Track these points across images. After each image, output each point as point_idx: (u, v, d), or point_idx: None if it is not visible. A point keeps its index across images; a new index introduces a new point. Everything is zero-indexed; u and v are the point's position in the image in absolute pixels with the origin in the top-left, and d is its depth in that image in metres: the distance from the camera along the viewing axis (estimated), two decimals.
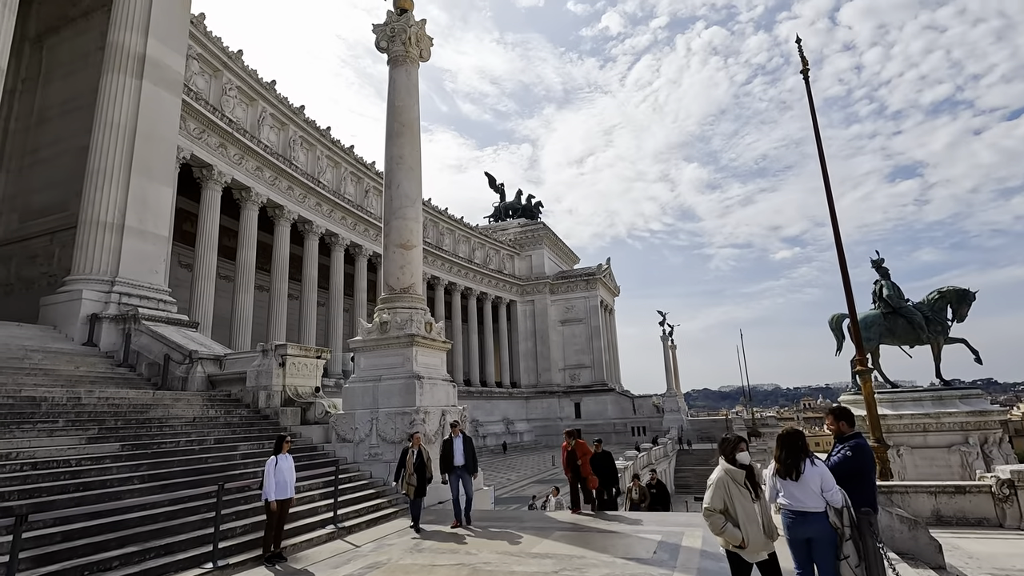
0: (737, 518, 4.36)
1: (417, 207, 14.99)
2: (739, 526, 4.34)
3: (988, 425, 18.21)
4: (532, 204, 62.83)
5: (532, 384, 55.71)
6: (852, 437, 4.98)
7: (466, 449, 10.08)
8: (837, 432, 5.09)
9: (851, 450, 4.89)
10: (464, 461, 9.99)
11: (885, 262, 21.19)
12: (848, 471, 4.74)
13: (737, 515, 4.37)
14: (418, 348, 13.56)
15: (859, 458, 4.87)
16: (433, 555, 8.05)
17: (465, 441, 10.17)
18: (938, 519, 10.47)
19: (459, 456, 9.99)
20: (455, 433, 10.30)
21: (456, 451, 10.02)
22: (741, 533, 4.31)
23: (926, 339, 19.75)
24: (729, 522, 4.38)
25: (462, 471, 9.96)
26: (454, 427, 10.49)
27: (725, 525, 4.37)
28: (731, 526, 4.36)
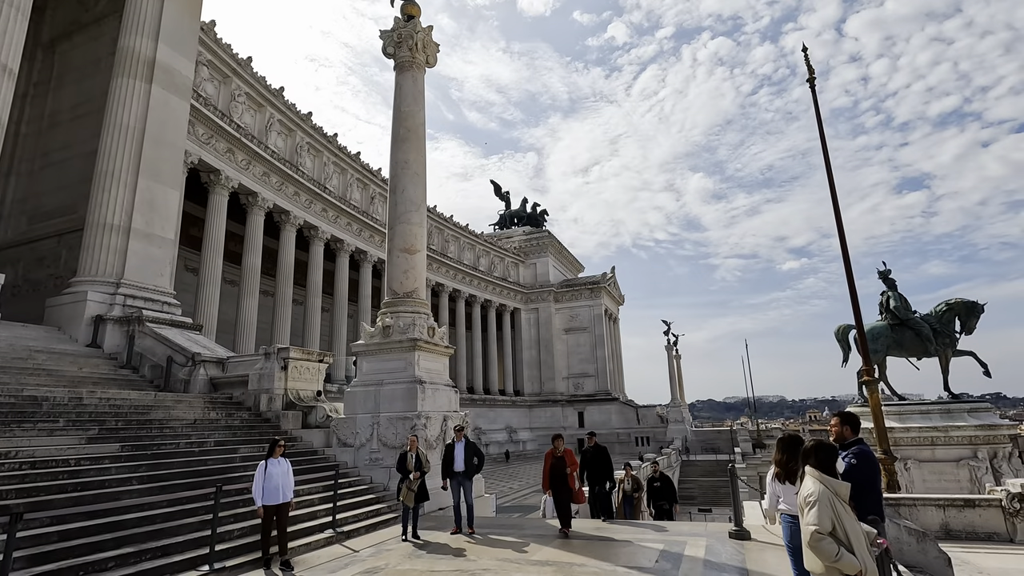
0: (851, 543, 3.66)
1: (422, 212, 15.00)
2: (854, 552, 3.62)
3: (997, 439, 17.94)
4: (537, 212, 62.93)
5: (536, 392, 55.46)
6: (854, 443, 4.91)
7: (467, 454, 9.70)
8: (839, 436, 5.02)
9: (856, 458, 4.77)
10: (464, 467, 9.63)
11: (892, 274, 21.02)
12: (857, 480, 4.62)
13: (850, 538, 3.68)
14: (420, 353, 13.51)
15: (866, 467, 4.76)
16: (432, 561, 7.94)
17: (468, 446, 9.79)
18: (947, 533, 10.28)
19: (460, 462, 9.62)
20: (458, 438, 9.96)
21: (457, 456, 9.68)
22: (860, 562, 3.60)
23: (934, 351, 19.53)
24: (843, 547, 3.63)
25: (463, 477, 9.61)
26: (458, 431, 10.12)
27: (840, 552, 3.60)
28: (846, 552, 3.61)
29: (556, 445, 9.55)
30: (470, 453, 9.71)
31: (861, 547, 3.66)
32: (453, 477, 9.65)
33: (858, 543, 3.66)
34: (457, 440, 9.87)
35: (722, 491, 32.93)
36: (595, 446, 10.93)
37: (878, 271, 21.25)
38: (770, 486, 4.51)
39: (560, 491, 9.35)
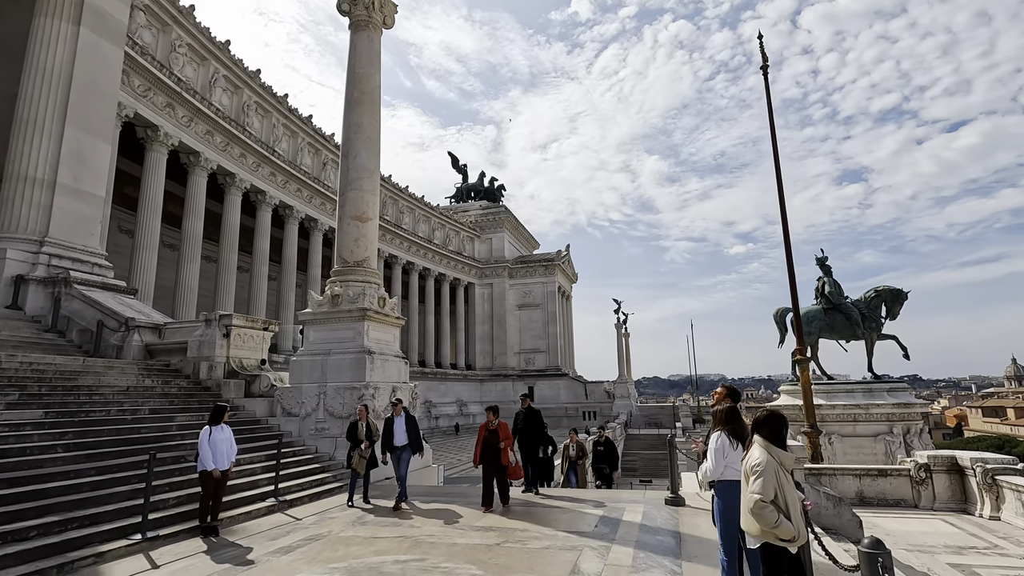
0: (789, 510, 3.87)
1: (375, 179, 14.60)
2: (791, 518, 3.84)
3: (911, 417, 19.45)
4: (495, 187, 62.42)
5: (487, 367, 55.86)
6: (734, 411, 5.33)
7: (408, 428, 9.64)
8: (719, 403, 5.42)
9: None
10: (407, 440, 9.58)
11: (828, 261, 22.14)
12: None
13: (788, 506, 3.88)
14: (370, 323, 13.30)
15: None
16: (376, 528, 7.96)
17: (408, 420, 9.72)
18: (861, 500, 11.14)
19: (400, 435, 9.56)
20: (397, 411, 9.80)
21: (397, 430, 9.57)
22: (794, 528, 3.82)
23: (861, 335, 20.82)
24: (781, 514, 3.85)
25: (403, 450, 9.57)
26: (396, 405, 9.98)
27: (779, 518, 3.81)
28: (784, 519, 3.83)
29: (490, 418, 9.16)
30: (410, 427, 9.62)
31: (796, 514, 3.89)
32: (393, 451, 9.56)
33: (794, 510, 3.89)
34: (396, 414, 9.73)
35: (663, 463, 34.32)
36: (527, 409, 10.53)
37: (816, 258, 22.34)
38: (717, 450, 4.69)
39: (492, 466, 8.88)
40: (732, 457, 4.67)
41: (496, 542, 7.05)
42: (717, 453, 4.67)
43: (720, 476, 4.70)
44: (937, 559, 7.61)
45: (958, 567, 7.24)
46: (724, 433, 4.78)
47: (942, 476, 10.74)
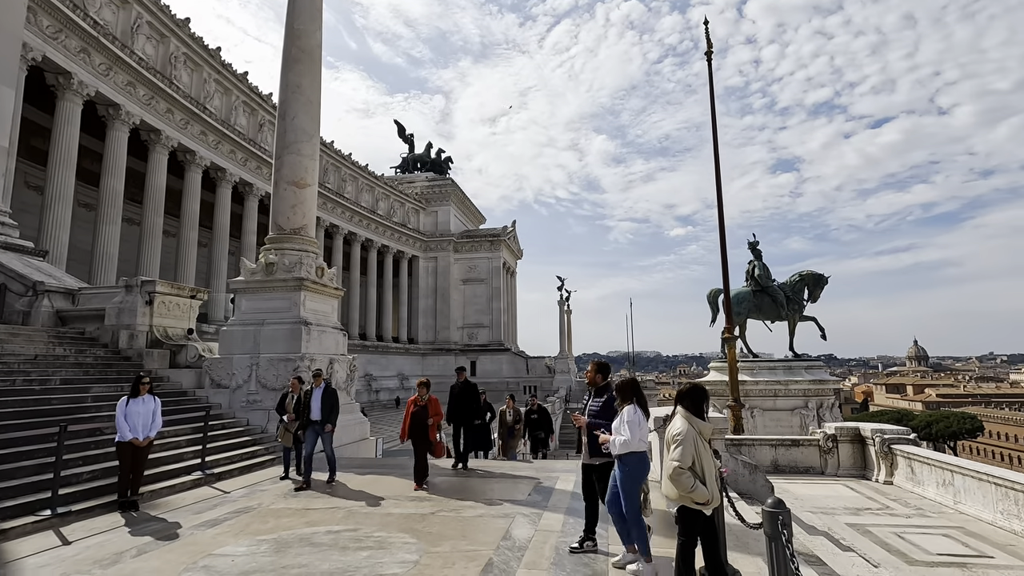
0: (704, 476, 4.12)
1: (314, 144, 13.98)
2: (706, 483, 4.10)
3: (824, 393, 21.01)
4: (442, 159, 61.21)
5: (430, 341, 55.59)
6: (604, 388, 5.51)
7: (325, 402, 8.96)
8: (592, 382, 5.64)
9: (604, 403, 5.39)
10: (321, 415, 8.93)
11: (759, 245, 23.27)
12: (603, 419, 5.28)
13: (704, 473, 4.14)
14: (307, 293, 12.89)
15: (610, 408, 5.34)
16: (308, 499, 7.86)
17: (326, 393, 9.06)
18: (776, 468, 11.98)
19: (316, 409, 8.94)
20: (316, 383, 9.18)
21: (314, 403, 8.98)
22: (708, 492, 4.10)
23: (785, 316, 22.15)
24: (698, 480, 4.10)
25: (319, 426, 8.95)
26: (316, 377, 9.29)
27: (695, 483, 4.08)
28: (701, 484, 4.09)
29: (421, 392, 8.76)
30: (326, 401, 9.00)
31: (711, 480, 4.18)
32: (309, 425, 8.99)
33: (710, 476, 4.18)
34: (316, 386, 9.14)
35: None
36: (464, 382, 10.30)
37: (748, 242, 23.43)
38: (632, 426, 4.82)
39: (420, 443, 8.53)
40: (645, 428, 4.89)
41: (431, 511, 7.12)
42: (632, 425, 4.81)
43: (635, 447, 4.86)
44: (837, 519, 8.33)
45: (854, 526, 7.96)
46: (636, 406, 4.93)
47: (846, 445, 11.71)
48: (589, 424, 5.34)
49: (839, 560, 5.97)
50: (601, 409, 5.35)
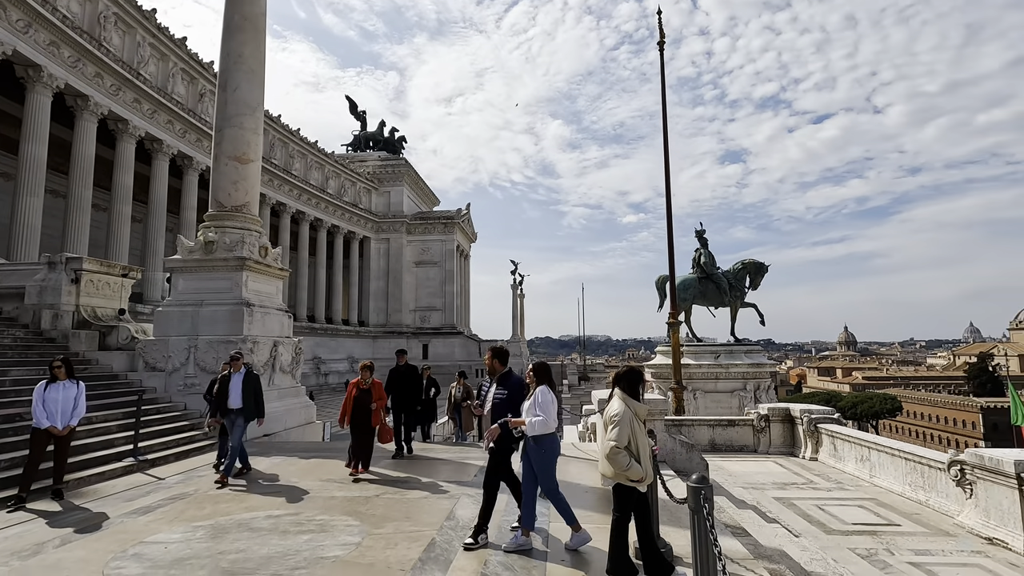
0: (639, 455, 4.33)
1: (257, 117, 13.38)
2: (640, 462, 4.31)
3: (762, 375, 22.09)
4: (395, 138, 59.74)
5: (381, 324, 54.80)
6: (505, 374, 5.50)
7: (246, 389, 8.09)
8: (492, 369, 5.57)
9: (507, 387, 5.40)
10: (242, 403, 8.02)
11: (706, 234, 24.05)
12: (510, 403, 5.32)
13: (639, 451, 4.34)
14: (250, 273, 12.44)
15: (516, 392, 5.39)
16: (248, 485, 7.68)
17: (247, 379, 8.19)
18: (713, 447, 12.58)
19: (236, 396, 8.01)
20: (235, 368, 8.24)
21: (233, 390, 8.04)
22: (642, 469, 4.30)
23: (728, 302, 23.06)
24: (632, 458, 4.30)
25: (238, 416, 8.02)
26: (235, 360, 8.35)
27: (631, 462, 4.27)
28: (635, 462, 4.29)
29: (363, 376, 8.29)
30: (249, 387, 8.13)
31: (646, 458, 4.38)
32: (227, 415, 8.06)
33: (644, 455, 4.38)
34: (235, 371, 8.22)
35: None
36: (406, 365, 9.80)
37: (695, 231, 24.17)
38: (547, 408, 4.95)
39: (364, 429, 8.12)
40: (556, 409, 5.04)
41: (375, 494, 7.11)
42: (547, 406, 4.91)
43: (551, 428, 5.01)
44: (766, 494, 8.85)
45: (780, 500, 8.48)
46: (548, 388, 5.03)
47: (777, 425, 12.41)
48: (495, 411, 5.28)
49: (763, 531, 6.36)
50: (507, 398, 5.27)
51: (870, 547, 6.47)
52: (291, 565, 4.79)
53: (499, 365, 5.53)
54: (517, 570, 4.67)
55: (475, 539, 5.19)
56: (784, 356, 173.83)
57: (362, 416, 8.10)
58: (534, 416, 4.89)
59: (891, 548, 6.44)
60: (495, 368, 5.54)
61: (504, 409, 5.23)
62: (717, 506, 7.29)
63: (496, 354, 5.58)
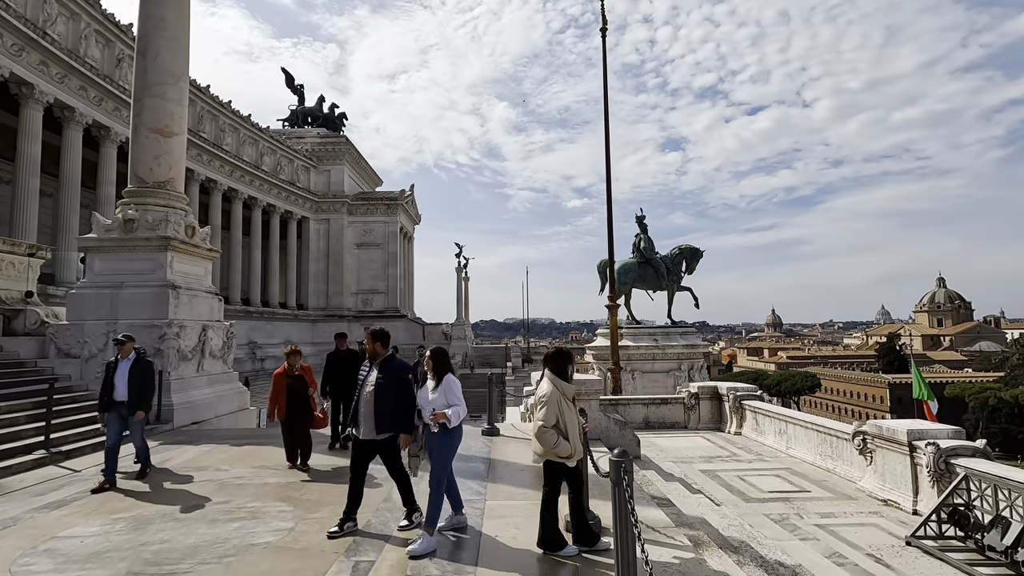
0: (567, 432, 4.52)
1: (182, 87, 12.57)
2: (568, 439, 4.50)
3: (696, 356, 23.16)
4: (336, 115, 57.46)
5: (321, 307, 53.26)
6: (388, 358, 5.19)
7: (133, 378, 6.99)
8: (373, 353, 5.17)
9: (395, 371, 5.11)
10: (129, 395, 6.99)
11: (646, 219, 24.78)
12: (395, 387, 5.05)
13: (567, 429, 4.52)
14: (175, 254, 11.79)
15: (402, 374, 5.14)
16: (175, 474, 7.38)
17: (137, 367, 7.09)
18: (647, 424, 13.14)
19: (121, 388, 6.97)
20: (123, 354, 7.11)
21: (119, 380, 6.99)
22: (570, 446, 4.49)
23: (665, 286, 23.94)
24: (561, 436, 4.50)
25: (125, 409, 7.02)
26: (121, 345, 7.16)
27: (558, 439, 4.47)
28: (563, 440, 4.48)
29: (292, 362, 7.62)
30: (136, 376, 7.07)
31: (574, 436, 4.56)
32: (112, 408, 7.02)
33: (573, 432, 4.57)
34: (122, 357, 7.11)
35: None
36: (348, 351, 9.02)
37: (636, 216, 24.84)
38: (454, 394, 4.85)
39: (302, 418, 7.51)
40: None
41: (310, 480, 7.01)
42: (459, 395, 4.84)
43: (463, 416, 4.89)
44: (693, 467, 9.37)
45: (706, 472, 9.00)
46: (451, 375, 4.94)
47: (706, 402, 13.10)
48: (379, 395, 4.97)
49: (688, 501, 6.76)
50: (389, 383, 5.00)
51: (783, 512, 7.00)
52: (219, 553, 4.68)
53: (380, 348, 5.17)
54: (450, 548, 4.76)
55: (409, 520, 5.20)
56: (717, 337, 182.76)
57: (299, 405, 7.51)
58: (451, 406, 4.76)
59: (801, 513, 7.00)
60: (376, 352, 5.16)
61: (387, 394, 4.95)
62: (647, 480, 7.68)
63: (376, 336, 5.23)
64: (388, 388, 4.97)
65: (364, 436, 5.06)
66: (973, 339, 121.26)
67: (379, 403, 4.96)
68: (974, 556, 5.57)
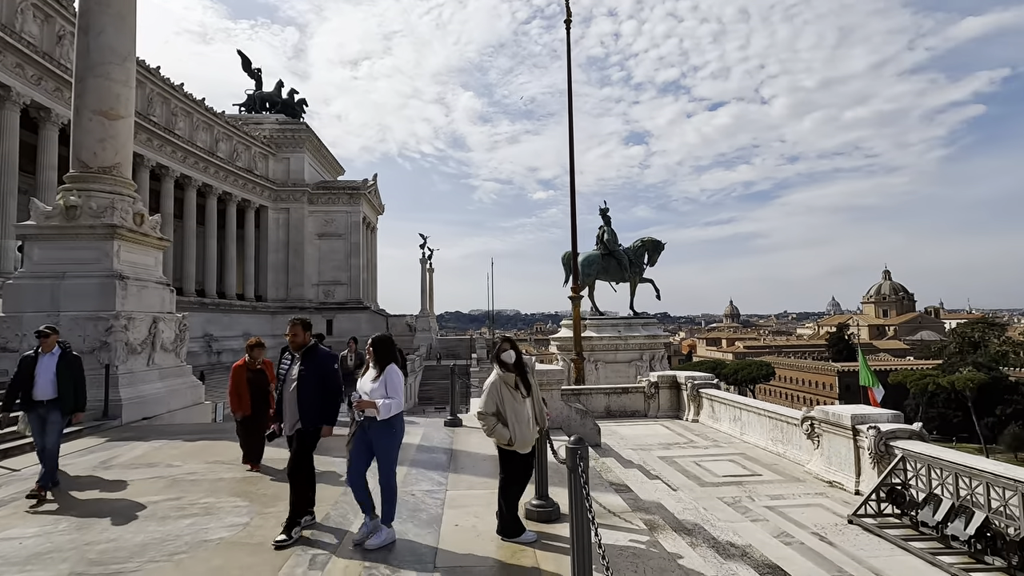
0: (506, 418, 4.66)
1: (128, 67, 11.97)
2: (507, 425, 4.65)
3: (657, 346, 23.67)
4: (295, 100, 55.72)
5: (281, 299, 51.94)
6: (313, 347, 4.97)
7: (64, 375, 6.31)
8: (302, 342, 4.90)
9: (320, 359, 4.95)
10: (57, 393, 6.25)
11: (610, 212, 25.08)
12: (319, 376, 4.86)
13: (507, 416, 4.67)
14: (122, 243, 11.28)
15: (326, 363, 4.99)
16: (124, 470, 7.12)
17: (66, 362, 6.40)
18: (608, 413, 13.37)
19: (45, 385, 6.22)
20: (45, 348, 6.36)
21: (40, 376, 6.22)
22: (509, 433, 4.63)
23: (628, 278, 24.33)
24: (500, 423, 4.67)
25: (49, 410, 6.26)
26: (45, 337, 6.38)
27: (496, 426, 4.66)
28: (500, 426, 4.65)
29: (255, 355, 7.22)
30: (70, 373, 6.38)
31: (521, 424, 4.67)
32: (32, 409, 6.27)
33: (520, 421, 4.68)
34: (44, 352, 6.35)
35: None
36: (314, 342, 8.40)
37: (600, 209, 25.13)
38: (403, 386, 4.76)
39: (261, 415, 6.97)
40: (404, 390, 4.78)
41: (267, 475, 6.87)
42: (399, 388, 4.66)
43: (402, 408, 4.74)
44: (651, 454, 9.61)
45: (664, 458, 9.25)
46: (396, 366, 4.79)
47: (666, 391, 13.42)
48: (301, 388, 4.73)
49: (645, 487, 6.94)
50: (313, 374, 4.76)
51: (736, 496, 7.27)
52: (169, 551, 4.54)
53: (309, 338, 4.94)
54: (411, 537, 4.76)
55: (288, 534, 4.60)
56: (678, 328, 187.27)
57: (259, 401, 7.11)
58: (387, 398, 4.51)
59: (752, 495, 7.28)
60: (305, 341, 4.89)
61: (310, 387, 4.71)
62: (606, 467, 7.84)
63: (306, 326, 4.99)
64: (311, 380, 4.76)
65: (288, 433, 4.88)
66: (915, 329, 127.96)
67: (303, 397, 4.74)
68: (909, 532, 5.91)
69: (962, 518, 5.45)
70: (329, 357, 5.00)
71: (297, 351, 4.92)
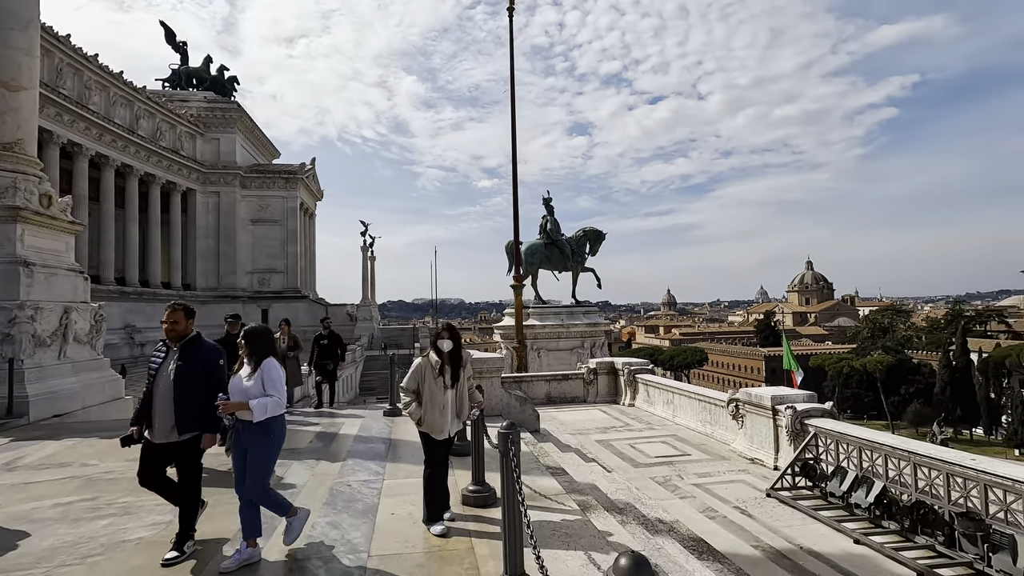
0: (426, 402, 4.78)
1: (31, 34, 10.93)
2: (424, 407, 4.77)
3: (598, 334, 24.28)
4: (225, 77, 52.56)
5: (212, 287, 49.33)
6: (195, 343, 4.30)
7: None
8: (183, 333, 4.25)
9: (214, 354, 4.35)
10: None
11: (553, 202, 25.36)
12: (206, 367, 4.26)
13: (424, 397, 4.79)
14: (27, 226, 10.37)
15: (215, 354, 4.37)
16: (33, 471, 6.62)
17: None
18: (549, 399, 13.63)
19: None
20: None
21: None
22: (420, 412, 4.78)
23: (570, 267, 24.76)
24: (415, 402, 4.81)
25: None
26: None
27: (411, 404, 4.83)
28: (415, 405, 4.81)
29: None
30: None
31: (432, 407, 4.76)
32: None
33: (430, 402, 4.78)
34: None
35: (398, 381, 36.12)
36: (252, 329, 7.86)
37: (543, 198, 25.35)
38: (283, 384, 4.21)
39: None
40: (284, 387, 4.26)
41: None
42: (279, 384, 4.13)
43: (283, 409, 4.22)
44: (589, 438, 9.89)
45: (601, 442, 9.55)
46: (273, 360, 4.25)
47: (604, 377, 13.82)
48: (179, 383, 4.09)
49: (581, 470, 7.15)
50: (192, 367, 4.14)
51: (666, 475, 7.62)
52: (82, 554, 4.28)
53: (187, 326, 4.27)
54: (345, 528, 4.71)
55: (180, 549, 4.13)
56: (618, 316, 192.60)
57: None
58: (264, 396, 3.98)
59: (681, 474, 7.66)
60: (187, 330, 4.26)
61: (190, 384, 4.08)
62: (544, 451, 8.01)
63: (183, 311, 4.34)
64: (191, 376, 4.10)
65: (160, 439, 4.11)
66: (833, 315, 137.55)
67: (179, 395, 4.05)
68: (820, 502, 6.41)
69: (864, 488, 5.96)
70: (214, 351, 4.34)
71: (175, 342, 4.22)
